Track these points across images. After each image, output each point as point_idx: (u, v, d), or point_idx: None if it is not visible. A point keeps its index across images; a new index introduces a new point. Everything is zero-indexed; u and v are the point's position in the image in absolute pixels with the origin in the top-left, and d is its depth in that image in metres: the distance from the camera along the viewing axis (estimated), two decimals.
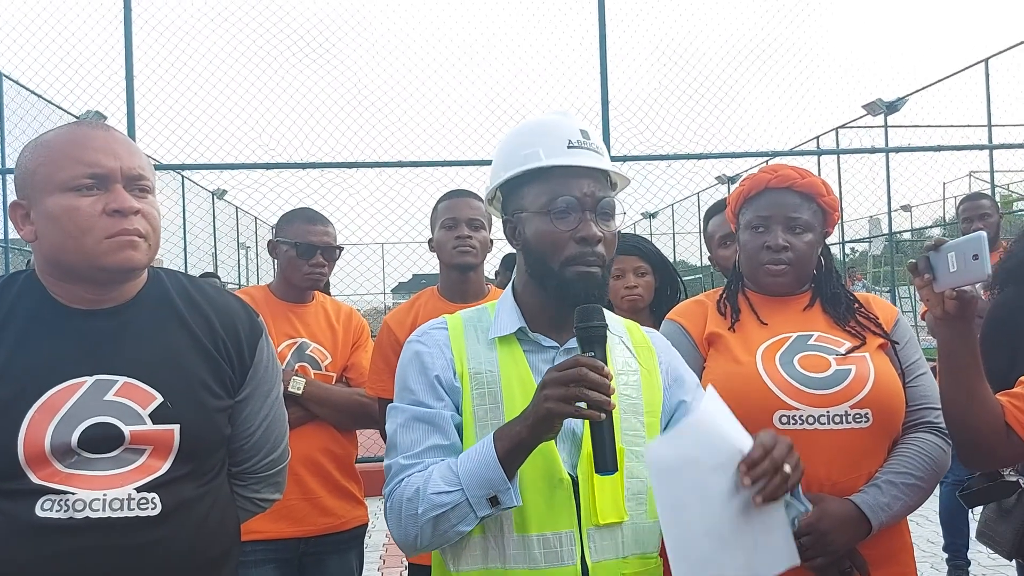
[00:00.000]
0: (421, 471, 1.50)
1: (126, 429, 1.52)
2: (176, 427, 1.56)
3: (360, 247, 11.01)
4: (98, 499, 1.48)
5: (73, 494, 1.47)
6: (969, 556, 4.86)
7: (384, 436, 2.80)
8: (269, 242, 3.05)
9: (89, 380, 1.53)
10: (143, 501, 1.51)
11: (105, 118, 8.63)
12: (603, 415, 1.38)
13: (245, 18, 7.58)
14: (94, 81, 7.41)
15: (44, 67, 7.62)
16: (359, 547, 2.98)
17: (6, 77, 8.19)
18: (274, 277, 3.06)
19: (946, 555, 4.88)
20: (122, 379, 1.54)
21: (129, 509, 1.49)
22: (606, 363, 1.43)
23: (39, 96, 8.38)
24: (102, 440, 1.50)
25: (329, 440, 2.86)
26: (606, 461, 1.41)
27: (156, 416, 1.54)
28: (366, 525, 2.98)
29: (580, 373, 1.37)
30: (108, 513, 1.48)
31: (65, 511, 1.46)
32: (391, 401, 1.66)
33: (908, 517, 2.00)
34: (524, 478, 1.48)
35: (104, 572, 1.48)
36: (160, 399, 1.55)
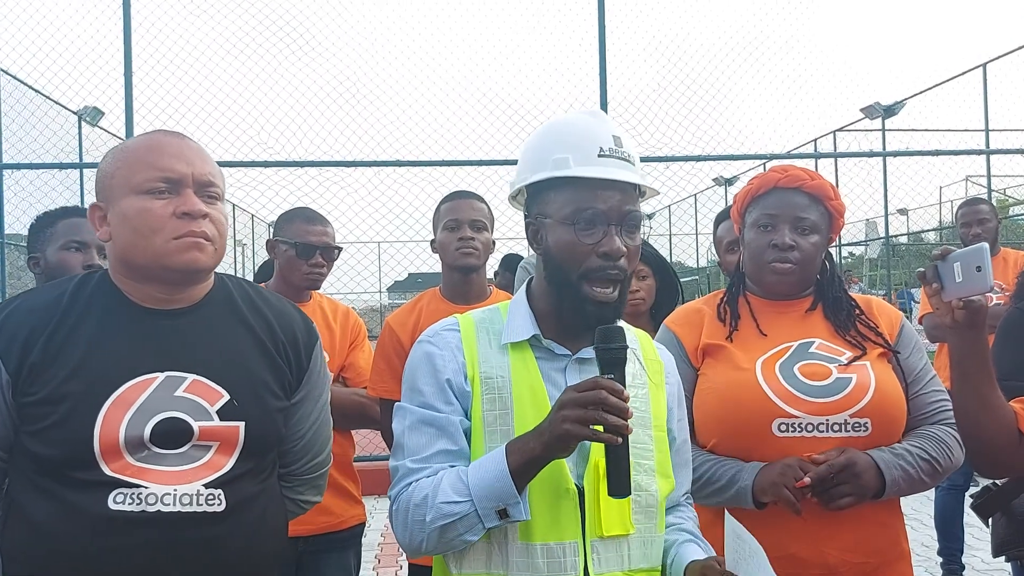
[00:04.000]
0: (430, 476, 1.49)
1: (195, 425, 1.57)
2: (241, 424, 1.62)
3: (357, 246, 11.00)
4: (169, 493, 1.53)
5: (146, 488, 1.52)
6: (964, 560, 4.87)
7: (385, 436, 2.82)
8: (268, 241, 3.06)
9: (160, 376, 1.59)
10: (210, 497, 1.57)
11: (103, 114, 8.62)
12: (620, 439, 1.38)
13: (244, 15, 7.57)
14: (92, 77, 7.40)
15: (42, 63, 7.60)
16: (357, 546, 2.98)
17: (3, 72, 8.16)
18: (272, 276, 3.06)
19: (941, 559, 4.88)
20: (191, 376, 1.61)
21: (197, 504, 1.55)
22: (625, 385, 1.41)
23: (37, 91, 8.35)
24: (172, 435, 1.56)
25: None
26: (621, 485, 1.41)
27: (223, 413, 1.60)
28: (364, 524, 2.98)
29: (599, 396, 1.36)
30: (178, 507, 1.54)
31: (138, 504, 1.52)
32: (393, 402, 1.65)
33: (904, 522, 2.01)
34: (530, 487, 1.47)
35: (172, 565, 1.54)
36: (227, 397, 1.61)
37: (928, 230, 19.27)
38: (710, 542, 1.67)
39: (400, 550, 5.59)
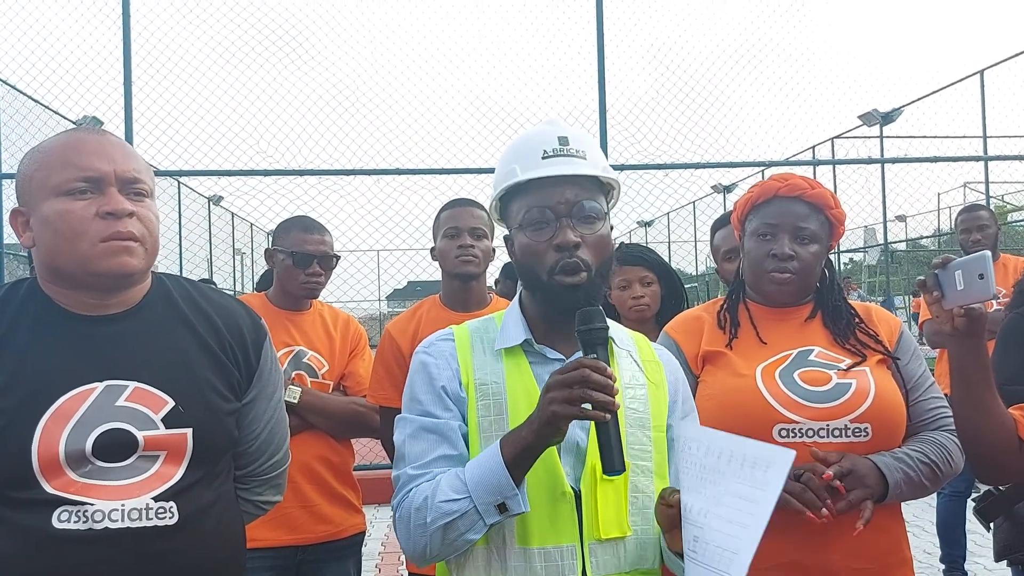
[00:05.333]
0: (429, 480, 1.50)
1: (139, 435, 1.51)
2: (189, 431, 1.55)
3: (356, 254, 11.01)
4: (116, 509, 1.47)
5: (92, 504, 1.46)
6: (966, 567, 4.85)
7: (384, 445, 2.81)
8: (266, 250, 3.06)
9: (100, 386, 1.52)
10: (160, 510, 1.50)
11: (102, 124, 8.63)
12: (608, 415, 1.38)
13: (244, 24, 7.60)
14: (92, 87, 7.42)
15: (42, 72, 7.62)
16: (357, 555, 2.97)
17: (3, 82, 8.17)
18: (272, 285, 3.06)
19: (943, 566, 4.87)
20: (132, 384, 1.54)
21: (147, 519, 1.49)
22: (609, 364, 1.43)
23: (36, 101, 8.37)
24: (116, 446, 1.49)
25: (325, 448, 2.86)
26: (613, 461, 1.40)
27: (169, 420, 1.54)
28: (364, 533, 2.98)
29: (583, 374, 1.37)
30: (127, 523, 1.47)
31: (84, 522, 1.45)
32: (392, 409, 1.65)
33: (905, 528, 2.01)
34: (527, 491, 1.47)
35: None
36: (172, 403, 1.55)
37: (926, 236, 19.32)
38: None
39: (401, 559, 5.58)
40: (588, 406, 1.37)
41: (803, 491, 1.79)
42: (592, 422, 1.43)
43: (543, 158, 1.58)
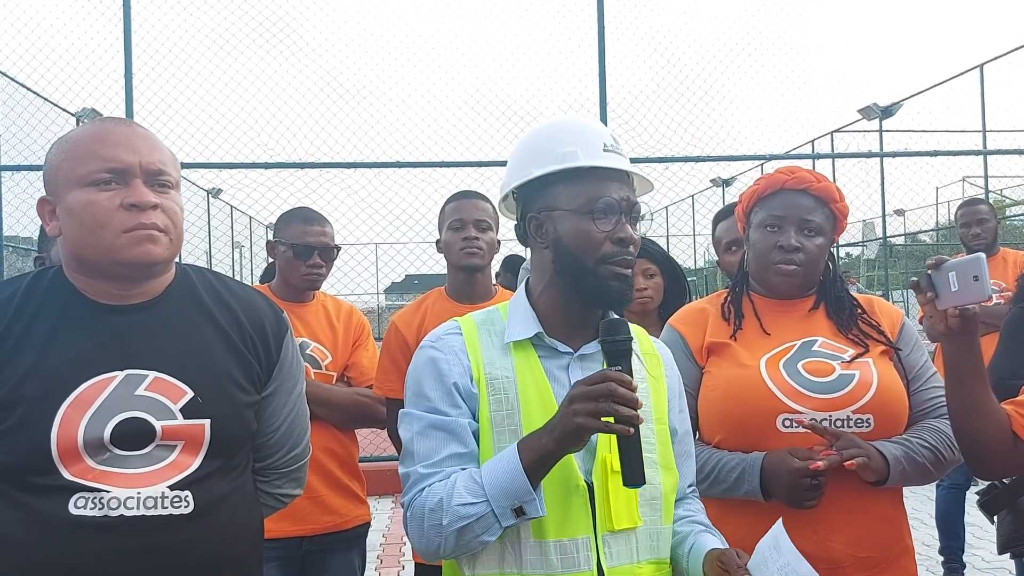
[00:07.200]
0: (442, 480, 1.50)
1: (157, 424, 1.52)
2: (207, 422, 1.56)
3: (356, 247, 11.01)
4: (132, 497, 1.48)
5: (107, 492, 1.47)
6: (965, 559, 4.88)
7: (391, 436, 2.82)
8: (268, 242, 3.06)
9: (120, 375, 1.53)
10: (176, 499, 1.51)
11: (100, 116, 8.61)
12: (632, 429, 1.39)
13: (244, 17, 7.58)
14: (92, 79, 7.39)
15: (42, 64, 7.59)
16: (361, 545, 2.99)
17: (2, 74, 8.15)
18: (274, 277, 3.07)
19: (942, 558, 4.90)
20: (152, 374, 1.55)
21: (163, 507, 1.50)
22: (632, 377, 1.43)
23: (36, 94, 8.34)
24: (134, 435, 1.50)
25: (330, 439, 2.87)
26: (635, 475, 1.43)
27: (187, 411, 1.55)
28: (368, 524, 2.99)
29: (609, 388, 1.38)
30: (142, 511, 1.48)
31: (100, 509, 1.46)
32: (399, 401, 1.66)
33: (907, 518, 2.02)
34: (541, 484, 1.47)
35: (138, 571, 1.48)
36: (191, 394, 1.56)
37: (925, 231, 19.31)
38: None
39: (402, 551, 5.61)
40: (611, 419, 1.38)
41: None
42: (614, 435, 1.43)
43: (604, 150, 1.59)
